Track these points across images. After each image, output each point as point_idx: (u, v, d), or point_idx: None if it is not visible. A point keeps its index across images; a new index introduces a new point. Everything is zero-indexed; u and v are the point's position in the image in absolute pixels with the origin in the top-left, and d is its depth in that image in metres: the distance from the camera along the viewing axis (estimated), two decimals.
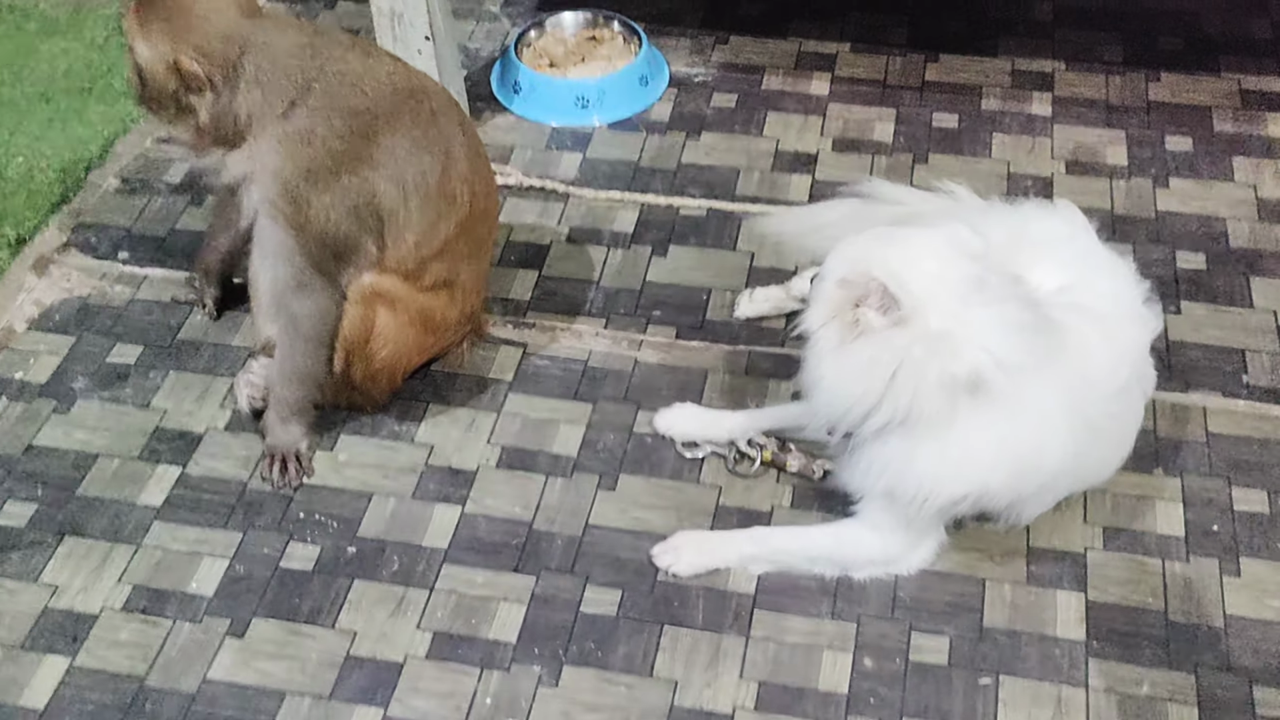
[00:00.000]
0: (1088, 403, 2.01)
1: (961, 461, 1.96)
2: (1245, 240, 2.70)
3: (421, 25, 2.81)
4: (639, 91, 3.07)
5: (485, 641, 2.07)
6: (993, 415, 1.93)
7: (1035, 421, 1.96)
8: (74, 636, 2.09)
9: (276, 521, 2.24)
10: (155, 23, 2.09)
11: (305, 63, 2.12)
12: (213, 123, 2.12)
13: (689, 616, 2.10)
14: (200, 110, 2.11)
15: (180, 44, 2.07)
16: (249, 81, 2.10)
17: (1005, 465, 1.97)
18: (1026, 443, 1.97)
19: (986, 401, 1.93)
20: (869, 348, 1.92)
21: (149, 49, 2.09)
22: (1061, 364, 1.97)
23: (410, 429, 2.39)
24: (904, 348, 1.90)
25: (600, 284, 2.65)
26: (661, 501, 2.26)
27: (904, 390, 1.92)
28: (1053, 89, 3.09)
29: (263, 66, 2.10)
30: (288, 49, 2.12)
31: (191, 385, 2.47)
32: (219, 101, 2.10)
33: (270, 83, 2.10)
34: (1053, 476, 2.04)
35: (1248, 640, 2.05)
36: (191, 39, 2.08)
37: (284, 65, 2.11)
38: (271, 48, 2.11)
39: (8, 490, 2.30)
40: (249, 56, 2.10)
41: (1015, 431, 1.95)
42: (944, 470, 1.97)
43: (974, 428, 1.94)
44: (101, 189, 2.89)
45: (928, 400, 1.92)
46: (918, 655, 2.04)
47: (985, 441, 1.95)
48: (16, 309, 2.62)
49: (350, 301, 2.24)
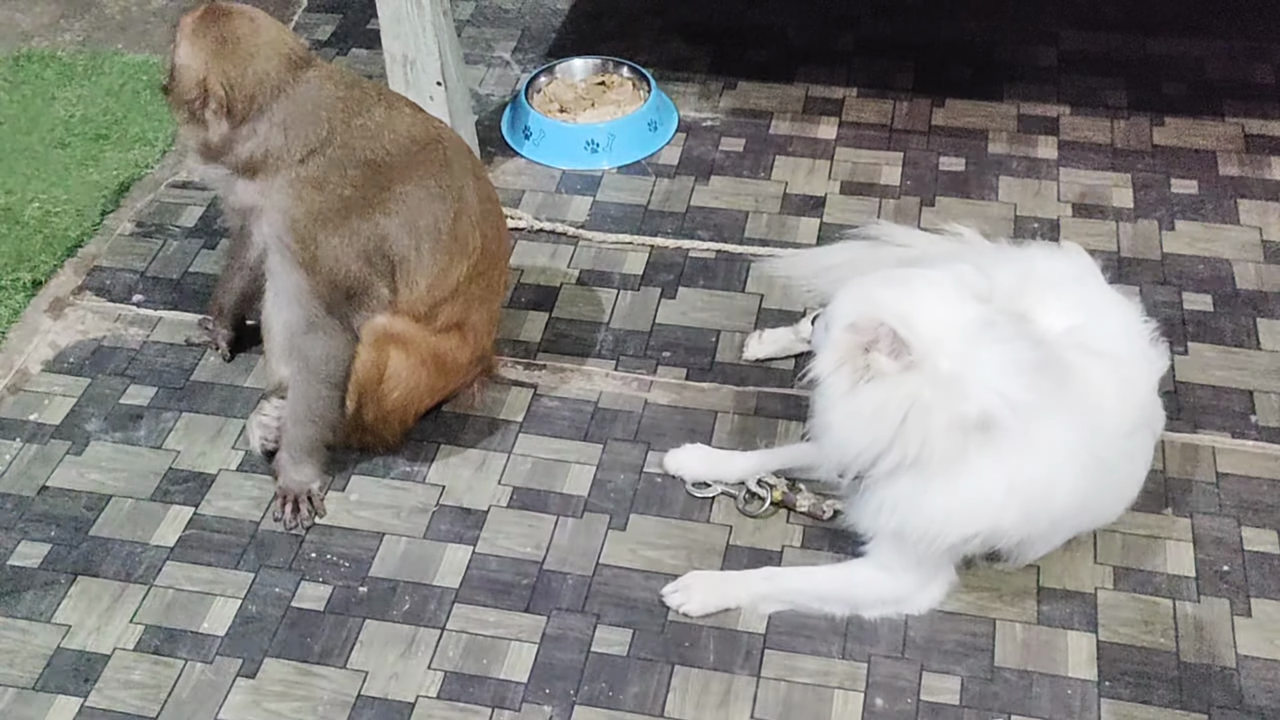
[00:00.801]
0: (1097, 442, 2.01)
1: (972, 500, 1.97)
2: (1252, 282, 2.72)
3: (433, 71, 2.84)
4: (648, 136, 3.10)
5: (496, 681, 2.07)
6: (1003, 454, 1.94)
7: (1045, 460, 1.97)
8: (86, 677, 2.09)
9: (288, 562, 2.25)
10: (206, 36, 2.13)
11: (333, 116, 2.16)
12: (221, 146, 2.16)
13: (700, 656, 2.10)
14: (211, 130, 2.15)
15: (215, 65, 2.11)
16: (274, 124, 2.13)
17: (1016, 504, 1.98)
18: (1037, 481, 1.97)
19: (996, 441, 1.93)
20: (879, 392, 1.92)
21: (189, 54, 2.13)
22: (1071, 403, 1.98)
23: (422, 469, 2.40)
24: (914, 392, 1.91)
25: (610, 326, 2.67)
26: (672, 541, 2.26)
27: (915, 433, 1.93)
28: (1058, 133, 3.11)
29: (291, 115, 2.14)
30: (320, 102, 2.15)
31: (204, 426, 2.48)
32: (237, 131, 2.14)
33: (294, 131, 2.13)
34: (1063, 515, 2.05)
35: (1260, 680, 2.04)
36: (227, 67, 2.11)
37: (312, 117, 2.14)
38: (305, 100, 2.15)
39: (22, 531, 2.31)
40: (280, 104, 2.13)
41: (1025, 470, 1.96)
42: (954, 509, 1.97)
43: (984, 467, 1.95)
44: (116, 233, 2.92)
45: (939, 442, 1.93)
46: (929, 695, 2.04)
47: (995, 480, 1.96)
48: (32, 351, 2.64)
49: (363, 343, 2.26)
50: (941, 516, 1.98)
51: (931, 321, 1.93)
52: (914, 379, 1.91)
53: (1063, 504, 2.01)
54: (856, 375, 1.93)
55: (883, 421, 1.93)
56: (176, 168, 3.09)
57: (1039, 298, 2.12)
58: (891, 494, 2.01)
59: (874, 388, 1.93)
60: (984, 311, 1.96)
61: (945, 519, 1.98)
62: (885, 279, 2.05)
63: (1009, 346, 1.94)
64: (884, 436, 1.94)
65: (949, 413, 1.91)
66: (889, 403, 1.92)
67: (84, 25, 3.57)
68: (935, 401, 1.91)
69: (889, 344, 1.90)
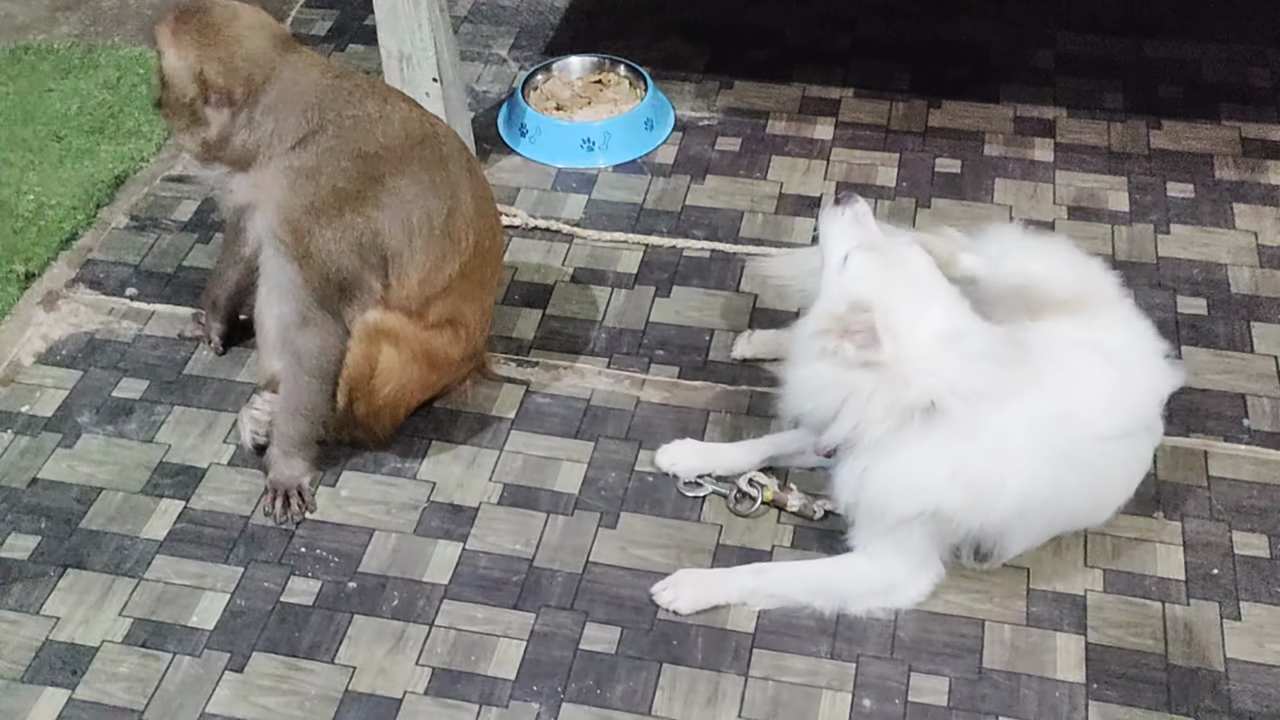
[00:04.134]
0: (1069, 439, 2.04)
1: (913, 480, 2.03)
2: (1246, 286, 2.72)
3: (429, 68, 2.84)
4: (644, 135, 3.10)
5: (484, 678, 2.07)
6: (946, 438, 2.00)
7: (993, 448, 2.01)
8: (74, 669, 2.09)
9: (278, 556, 2.25)
10: (189, 34, 2.13)
11: (324, 102, 2.16)
12: (220, 140, 2.16)
13: (688, 655, 2.09)
14: (213, 125, 2.15)
15: (207, 56, 2.11)
16: (265, 109, 2.13)
17: (960, 487, 2.02)
18: (984, 468, 2.01)
19: (940, 425, 2.00)
20: (829, 372, 2.02)
21: (177, 57, 2.13)
22: (1037, 396, 2.03)
23: (412, 465, 2.39)
24: (856, 383, 2.00)
25: (603, 324, 2.66)
26: (662, 540, 2.26)
27: (851, 414, 2.02)
28: (1054, 135, 3.11)
29: (283, 97, 2.14)
30: (309, 86, 2.16)
31: (196, 420, 2.48)
32: (234, 120, 2.14)
33: (285, 115, 2.14)
34: (1023, 507, 2.05)
35: (1249, 684, 2.04)
36: (219, 54, 2.12)
37: (303, 101, 2.15)
38: (295, 82, 2.15)
39: (11, 523, 2.31)
40: (272, 84, 2.13)
41: (969, 456, 2.01)
42: (896, 487, 2.04)
43: (926, 450, 2.01)
44: (110, 226, 2.92)
45: (875, 425, 2.01)
46: (917, 696, 2.04)
47: (937, 463, 2.02)
48: (24, 343, 2.64)
49: (354, 338, 2.26)
50: (883, 493, 2.05)
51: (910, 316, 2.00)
52: (862, 373, 1.99)
53: (1018, 495, 2.03)
54: (824, 349, 2.01)
55: (827, 397, 2.03)
56: (171, 162, 3.08)
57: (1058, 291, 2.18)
58: (848, 468, 2.09)
59: (828, 366, 2.02)
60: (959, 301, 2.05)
61: (886, 496, 2.05)
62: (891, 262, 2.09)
63: (974, 338, 2.01)
64: (827, 410, 2.04)
65: (889, 399, 1.99)
66: (834, 384, 2.02)
67: (80, 18, 3.56)
68: (876, 390, 1.99)
69: (864, 339, 1.98)
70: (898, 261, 2.08)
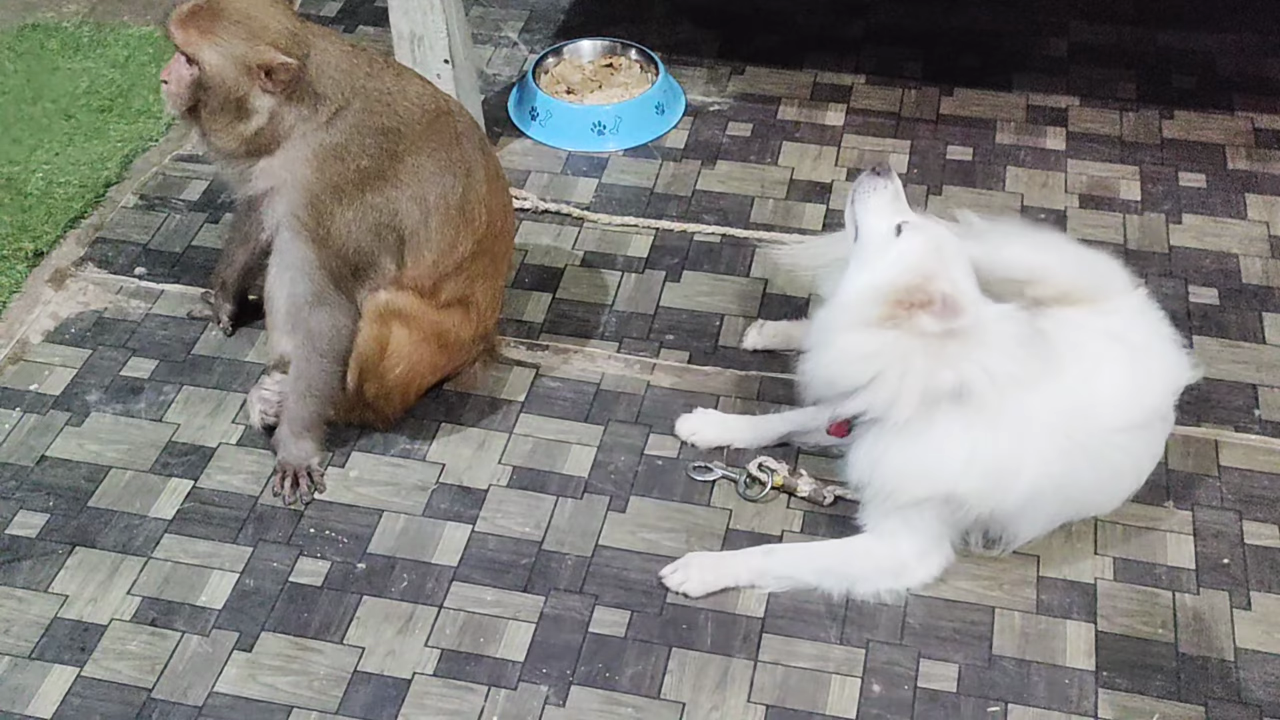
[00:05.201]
0: (1085, 429, 2.04)
1: (930, 463, 2.02)
2: (1258, 277, 2.71)
3: (441, 49, 2.83)
4: (655, 119, 3.09)
5: (493, 660, 2.07)
6: (967, 423, 1.99)
7: (1013, 435, 2.01)
8: (83, 647, 2.09)
9: (287, 536, 2.25)
10: (221, 27, 2.03)
11: (353, 74, 2.13)
12: (270, 128, 2.10)
13: (697, 639, 2.09)
14: (262, 113, 2.09)
15: (258, 43, 2.04)
16: (305, 86, 2.09)
17: (976, 473, 2.01)
18: (1001, 455, 2.01)
19: (966, 411, 1.99)
20: (877, 341, 1.99)
21: (220, 53, 2.03)
22: (1060, 386, 2.02)
23: (422, 447, 2.39)
24: (906, 354, 1.98)
25: (614, 308, 2.66)
26: (672, 524, 2.26)
27: (887, 388, 2.00)
28: (1067, 124, 3.10)
29: (321, 72, 2.10)
30: (335, 60, 2.13)
31: (205, 400, 2.48)
32: (284, 103, 2.08)
33: (321, 91, 2.10)
34: (1035, 493, 2.05)
35: (1258, 673, 2.04)
36: (268, 38, 2.05)
37: (334, 75, 2.12)
38: (326, 55, 2.12)
39: (20, 500, 2.30)
40: (309, 61, 2.09)
41: (989, 442, 2.01)
42: (910, 470, 2.04)
43: (947, 434, 2.01)
44: (120, 205, 2.91)
45: (906, 404, 1.99)
46: (926, 682, 2.04)
47: (954, 447, 2.01)
48: (33, 321, 2.63)
49: (365, 319, 2.26)
50: (900, 473, 2.04)
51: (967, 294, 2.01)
52: (913, 342, 1.97)
53: (1032, 483, 2.03)
54: (888, 317, 1.98)
55: (865, 369, 2.01)
56: (180, 141, 3.08)
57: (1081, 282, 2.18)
58: (866, 446, 2.08)
59: (877, 336, 1.99)
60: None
61: (903, 476, 2.04)
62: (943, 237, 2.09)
63: (1011, 322, 2.01)
64: (859, 382, 2.02)
65: (926, 379, 1.97)
66: (880, 354, 1.99)
67: None
68: (920, 367, 1.97)
69: (943, 309, 1.96)
70: (948, 238, 2.09)
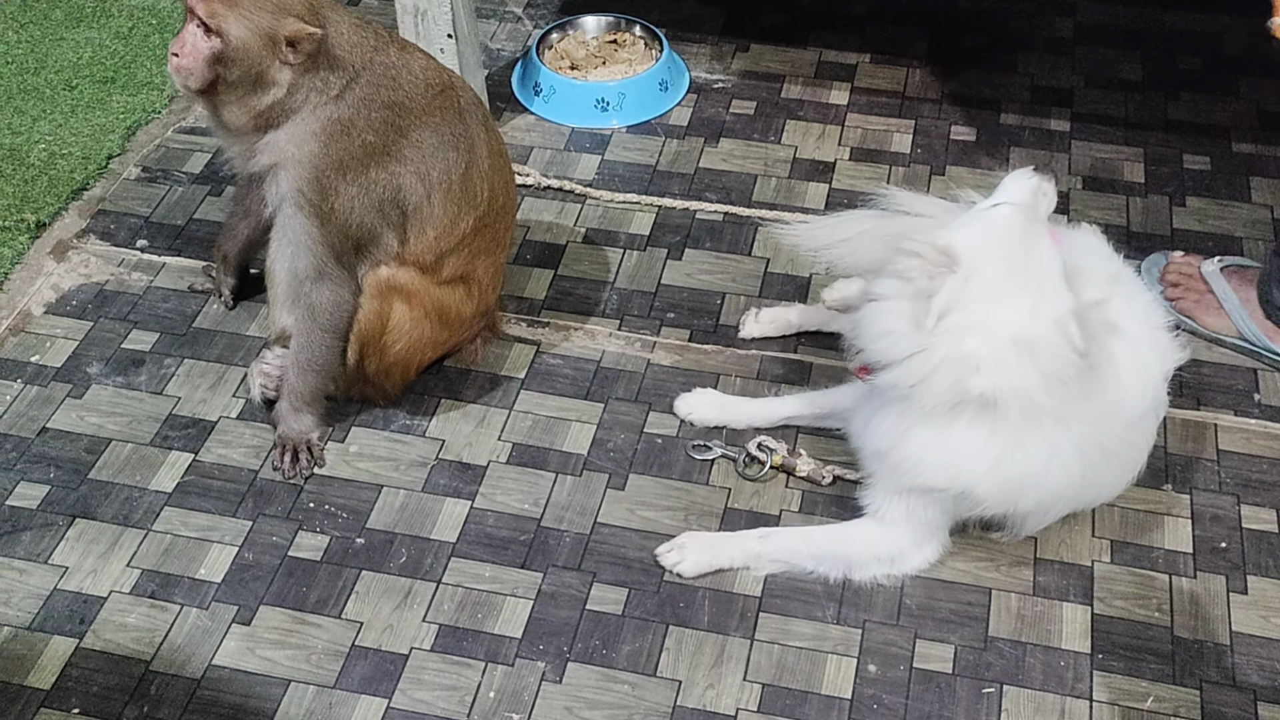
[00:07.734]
0: (1105, 431, 2.00)
1: (952, 459, 1.97)
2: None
3: (445, 23, 2.82)
4: (659, 96, 3.08)
5: (490, 636, 2.08)
6: (994, 432, 1.94)
7: (1043, 449, 1.96)
8: (82, 618, 2.10)
9: (286, 511, 2.25)
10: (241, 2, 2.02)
11: (363, 47, 2.12)
12: (287, 98, 2.09)
13: (694, 617, 2.10)
14: (280, 85, 2.08)
15: (282, 14, 2.03)
16: (319, 59, 2.08)
17: (999, 479, 1.97)
18: (1029, 464, 1.96)
19: (994, 418, 1.93)
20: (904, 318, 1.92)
21: (245, 24, 2.02)
22: (1089, 400, 1.95)
23: (422, 423, 2.39)
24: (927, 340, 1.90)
25: (615, 285, 2.66)
26: (670, 502, 2.26)
27: (914, 372, 1.92)
28: (1071, 105, 3.09)
29: (335, 44, 2.09)
30: (345, 31, 2.12)
31: (206, 373, 2.48)
32: (303, 74, 2.07)
33: (333, 63, 2.09)
34: (1056, 496, 2.04)
35: (1253, 658, 2.05)
36: (290, 8, 2.04)
37: (345, 47, 2.11)
38: (338, 28, 2.11)
39: (20, 472, 2.31)
40: (326, 31, 2.08)
41: (1018, 453, 1.95)
42: (931, 458, 1.98)
43: (976, 436, 1.95)
44: (122, 177, 2.91)
45: (933, 393, 1.92)
46: (922, 663, 2.04)
47: (983, 453, 1.96)
48: (34, 293, 2.63)
49: (366, 294, 2.25)
50: (919, 459, 1.99)
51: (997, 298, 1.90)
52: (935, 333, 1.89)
53: (1055, 487, 2.01)
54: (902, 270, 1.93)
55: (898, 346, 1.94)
56: (183, 113, 3.07)
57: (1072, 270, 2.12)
58: (891, 417, 2.01)
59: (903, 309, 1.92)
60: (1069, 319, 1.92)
61: (922, 462, 1.99)
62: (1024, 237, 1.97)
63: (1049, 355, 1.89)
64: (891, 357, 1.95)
65: (954, 375, 1.90)
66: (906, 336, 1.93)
67: None
68: (945, 362, 1.90)
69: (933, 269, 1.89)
70: (1030, 241, 1.95)
